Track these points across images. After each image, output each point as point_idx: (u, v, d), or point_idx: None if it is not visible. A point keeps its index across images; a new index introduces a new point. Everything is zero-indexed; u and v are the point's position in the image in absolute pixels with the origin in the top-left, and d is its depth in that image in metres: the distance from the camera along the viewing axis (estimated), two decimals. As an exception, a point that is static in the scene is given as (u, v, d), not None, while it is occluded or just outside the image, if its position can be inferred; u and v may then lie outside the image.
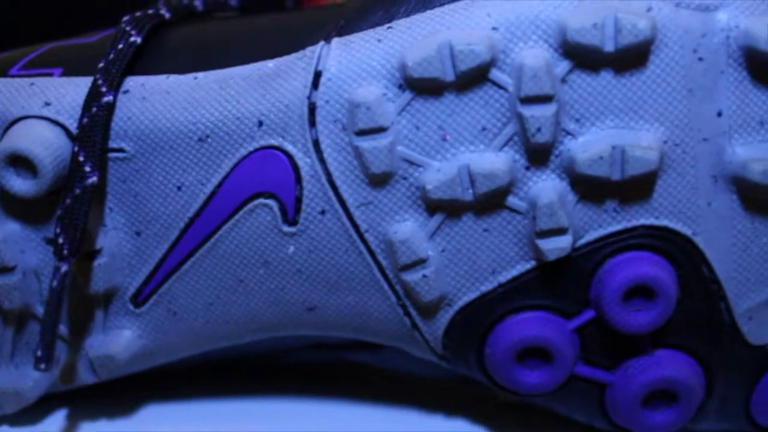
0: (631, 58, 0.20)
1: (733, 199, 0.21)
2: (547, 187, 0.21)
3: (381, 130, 0.21)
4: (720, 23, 0.21)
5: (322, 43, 0.21)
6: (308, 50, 0.21)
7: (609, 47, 0.20)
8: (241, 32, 0.23)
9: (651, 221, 0.21)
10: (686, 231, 0.21)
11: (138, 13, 0.23)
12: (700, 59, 0.21)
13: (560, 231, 0.21)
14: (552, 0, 0.20)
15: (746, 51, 0.21)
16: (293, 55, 0.21)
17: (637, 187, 0.21)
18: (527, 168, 0.21)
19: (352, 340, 0.23)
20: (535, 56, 0.20)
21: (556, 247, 0.21)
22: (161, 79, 0.22)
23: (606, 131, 0.21)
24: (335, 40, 0.21)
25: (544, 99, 0.20)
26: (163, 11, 0.23)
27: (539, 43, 0.20)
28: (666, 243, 0.21)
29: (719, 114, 0.21)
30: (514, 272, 0.22)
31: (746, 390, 0.23)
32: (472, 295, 0.22)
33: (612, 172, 0.20)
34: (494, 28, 0.20)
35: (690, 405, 0.22)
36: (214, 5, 0.25)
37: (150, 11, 0.23)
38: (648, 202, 0.21)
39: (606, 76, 0.20)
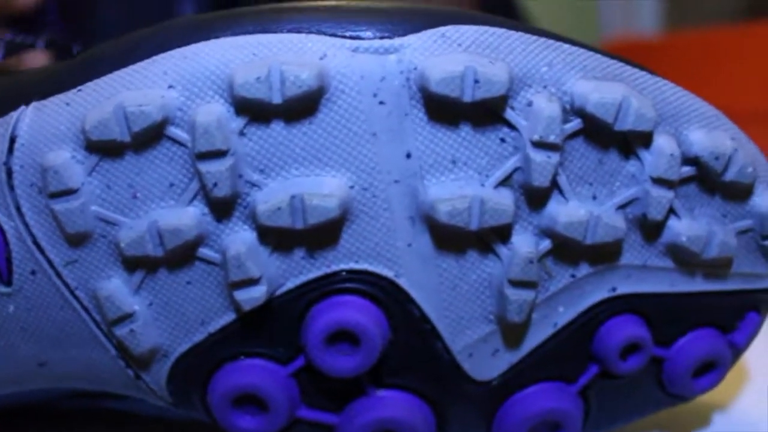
0: (302, 107, 0.20)
1: (432, 239, 0.21)
2: (237, 238, 0.21)
3: (71, 192, 0.21)
4: (400, 66, 0.21)
5: (22, 107, 0.22)
6: (9, 115, 0.22)
7: (276, 99, 0.20)
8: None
9: (351, 265, 0.21)
10: (388, 273, 0.21)
11: None
12: (381, 103, 0.21)
13: (251, 281, 0.21)
14: (227, 55, 0.21)
15: (422, 92, 0.21)
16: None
17: (328, 234, 0.21)
18: (218, 221, 0.21)
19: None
20: (207, 113, 0.20)
21: (249, 297, 0.21)
22: None
23: (290, 180, 0.21)
24: (33, 104, 0.22)
25: (218, 154, 0.20)
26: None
27: (215, 98, 0.21)
28: (370, 286, 0.22)
29: (408, 155, 0.21)
30: (222, 322, 0.22)
31: (484, 426, 0.23)
32: (186, 346, 0.22)
33: (294, 221, 0.21)
34: (171, 86, 0.21)
35: (417, 443, 0.22)
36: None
37: None
38: (345, 246, 0.21)
39: (281, 127, 0.21)
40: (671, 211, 0.22)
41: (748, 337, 0.24)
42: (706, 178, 0.22)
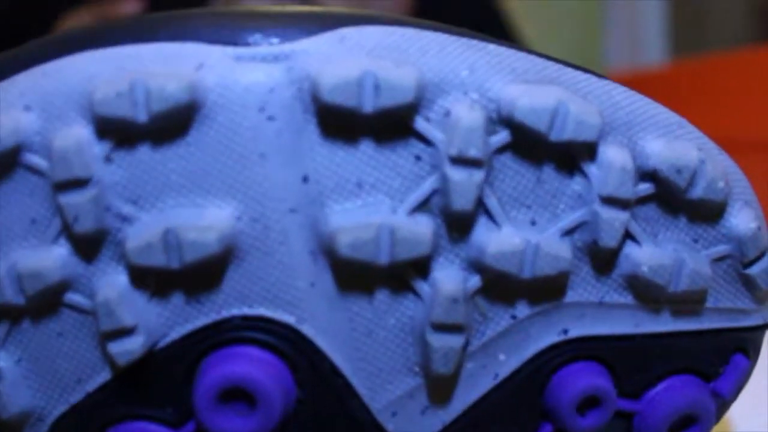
0: (173, 126, 0.17)
1: (337, 277, 0.18)
2: (107, 282, 0.18)
3: None
4: (290, 74, 0.18)
5: None
6: None
7: (142, 117, 0.17)
8: None
9: (245, 311, 0.18)
10: (288, 319, 0.18)
11: None
12: (271, 118, 0.18)
13: (125, 331, 0.18)
14: (90, 70, 0.18)
15: (316, 104, 0.17)
16: None
17: (213, 274, 0.18)
18: (87, 262, 0.18)
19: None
20: (64, 137, 0.17)
21: (123, 350, 0.18)
22: None
23: (166, 212, 0.18)
24: None
25: (78, 183, 0.17)
26: None
27: (77, 119, 0.18)
28: (268, 335, 0.18)
29: (305, 179, 0.18)
30: (101, 379, 0.19)
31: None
32: (62, 408, 0.19)
33: (169, 259, 0.17)
34: (28, 108, 0.18)
35: None
36: None
37: None
38: (235, 289, 0.18)
39: (152, 150, 0.18)
40: (628, 236, 0.19)
41: (736, 384, 0.20)
42: (669, 196, 0.19)
